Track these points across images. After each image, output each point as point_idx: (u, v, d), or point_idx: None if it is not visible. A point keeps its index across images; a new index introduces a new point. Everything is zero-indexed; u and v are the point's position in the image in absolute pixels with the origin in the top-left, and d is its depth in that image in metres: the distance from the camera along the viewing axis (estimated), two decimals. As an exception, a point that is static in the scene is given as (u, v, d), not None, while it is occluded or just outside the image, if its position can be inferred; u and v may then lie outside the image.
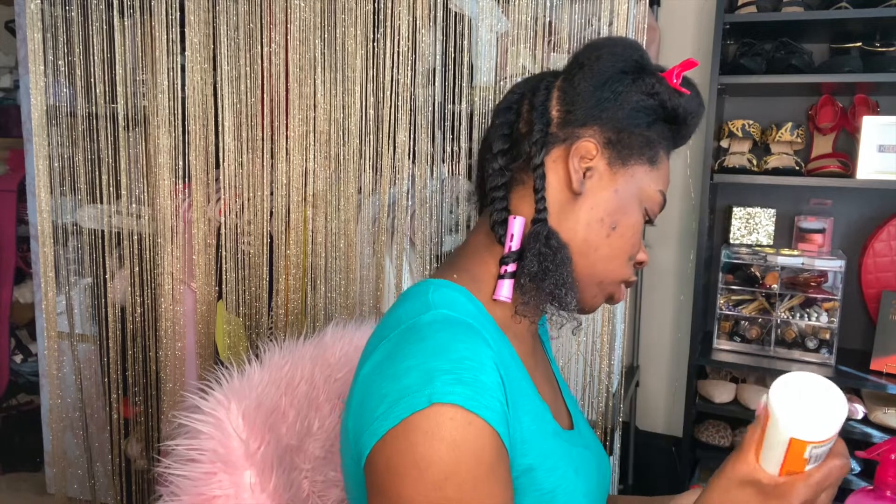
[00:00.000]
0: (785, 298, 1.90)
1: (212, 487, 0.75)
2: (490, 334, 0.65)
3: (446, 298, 0.66)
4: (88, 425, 2.24)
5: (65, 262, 2.16)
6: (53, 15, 2.00)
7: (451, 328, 0.60)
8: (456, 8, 1.72)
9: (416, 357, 0.57)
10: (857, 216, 1.99)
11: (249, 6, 1.85)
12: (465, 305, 0.67)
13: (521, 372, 0.69)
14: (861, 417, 1.78)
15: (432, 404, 0.54)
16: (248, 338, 1.97)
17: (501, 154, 0.73)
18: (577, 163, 0.70)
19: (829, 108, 1.94)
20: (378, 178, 1.82)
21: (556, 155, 0.71)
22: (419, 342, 0.59)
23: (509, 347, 0.69)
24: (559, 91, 0.72)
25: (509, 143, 0.73)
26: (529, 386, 0.69)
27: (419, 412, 0.54)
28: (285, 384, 0.89)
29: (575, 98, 0.70)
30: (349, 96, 1.80)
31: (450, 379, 0.55)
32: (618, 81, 0.70)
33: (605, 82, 0.70)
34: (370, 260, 1.86)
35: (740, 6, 1.85)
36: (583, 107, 0.70)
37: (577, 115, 0.70)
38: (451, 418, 0.54)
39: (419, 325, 0.61)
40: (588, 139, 0.70)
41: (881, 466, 0.76)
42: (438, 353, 0.57)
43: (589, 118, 0.70)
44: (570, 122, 0.71)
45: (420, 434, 0.54)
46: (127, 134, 2.03)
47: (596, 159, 0.70)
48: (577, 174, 0.70)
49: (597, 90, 0.70)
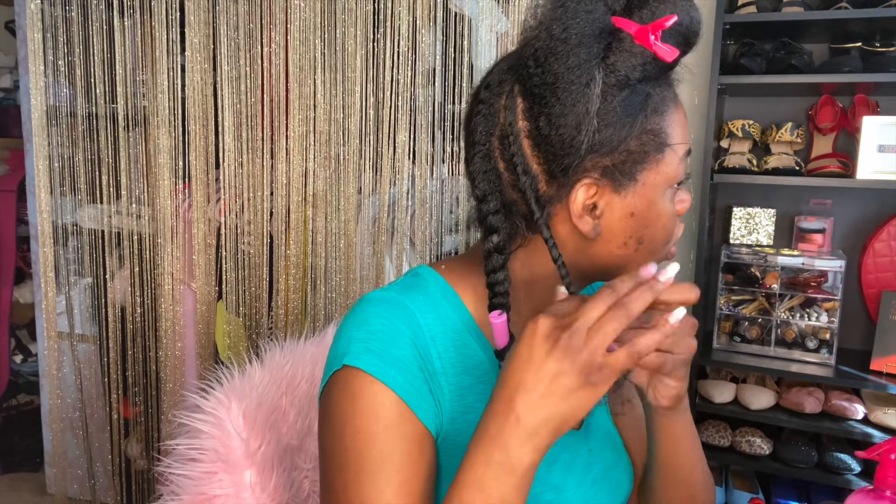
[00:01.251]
0: (785, 298, 1.90)
1: (212, 487, 0.75)
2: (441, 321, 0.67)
3: (413, 283, 0.70)
4: (88, 425, 2.24)
5: (65, 262, 2.16)
6: (53, 15, 2.00)
7: (381, 305, 0.66)
8: (456, 8, 1.72)
9: (347, 328, 0.66)
10: (857, 216, 1.99)
11: (249, 6, 1.85)
12: (430, 294, 0.69)
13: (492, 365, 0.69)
14: (861, 417, 1.78)
15: (343, 366, 0.63)
16: (248, 338, 1.97)
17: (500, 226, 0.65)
18: (581, 213, 0.63)
19: (829, 108, 1.94)
20: (378, 178, 1.82)
21: (557, 213, 0.64)
22: (352, 315, 0.67)
23: (478, 337, 0.69)
24: (528, 139, 0.62)
25: (500, 203, 0.65)
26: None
27: (336, 372, 0.64)
28: (286, 384, 0.90)
29: (548, 148, 0.61)
30: (349, 96, 1.80)
31: (361, 347, 0.63)
32: (587, 101, 0.58)
33: (573, 112, 0.59)
34: (370, 260, 1.86)
35: (740, 6, 1.85)
36: (562, 155, 0.60)
37: (560, 167, 0.61)
38: (355, 378, 0.62)
39: (363, 301, 0.68)
40: (582, 183, 0.62)
41: (881, 466, 0.76)
42: (360, 325, 0.65)
43: (573, 164, 0.61)
44: (556, 176, 0.62)
45: (334, 390, 0.64)
46: (127, 134, 2.03)
47: (598, 194, 0.63)
48: (587, 225, 0.63)
49: (568, 129, 0.59)
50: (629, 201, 0.63)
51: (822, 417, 1.81)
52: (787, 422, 1.79)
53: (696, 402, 1.92)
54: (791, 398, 1.82)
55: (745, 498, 1.86)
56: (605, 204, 0.63)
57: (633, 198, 0.63)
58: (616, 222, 0.64)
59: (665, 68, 0.61)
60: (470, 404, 0.67)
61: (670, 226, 0.66)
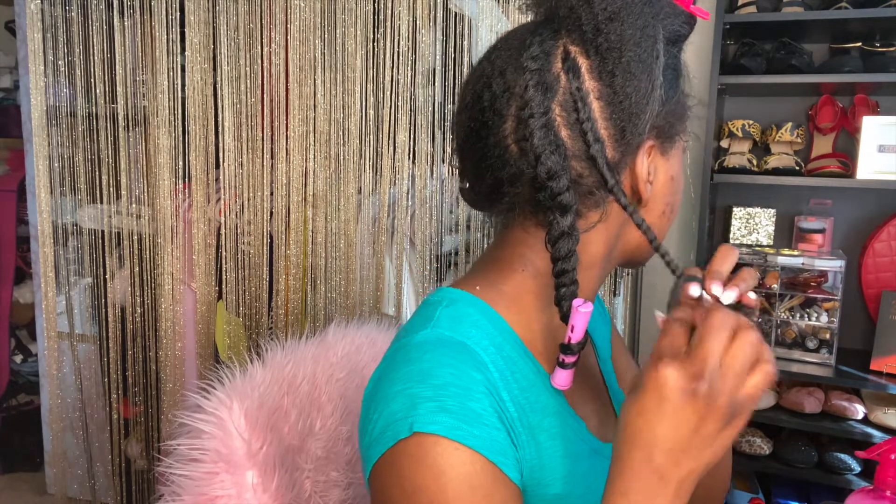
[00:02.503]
0: (785, 298, 1.91)
1: (214, 487, 0.75)
2: (500, 354, 0.60)
3: (454, 315, 0.61)
4: (88, 425, 2.24)
5: (65, 262, 2.16)
6: (53, 15, 2.00)
7: (440, 350, 0.57)
8: (456, 8, 1.72)
9: (402, 381, 0.56)
10: (857, 216, 1.99)
11: (249, 6, 1.84)
12: (477, 323, 0.61)
13: (548, 391, 0.63)
14: (861, 417, 1.78)
15: (413, 433, 0.53)
16: (248, 338, 1.97)
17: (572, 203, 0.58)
18: (647, 178, 0.61)
19: (829, 108, 1.94)
20: (378, 178, 1.82)
21: (622, 179, 0.61)
22: (406, 364, 0.57)
23: (533, 365, 0.63)
24: (598, 101, 0.58)
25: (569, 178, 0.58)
26: (559, 404, 0.64)
27: (403, 440, 0.53)
28: (287, 384, 0.89)
29: (625, 105, 0.58)
30: (349, 96, 1.80)
31: (432, 406, 0.53)
32: (658, 56, 0.58)
33: (650, 67, 0.58)
34: (370, 260, 1.86)
35: (740, 6, 1.85)
36: (638, 113, 0.58)
37: (634, 126, 0.58)
38: (434, 445, 0.52)
39: (410, 346, 0.59)
40: (647, 146, 0.61)
41: (881, 466, 0.76)
42: (423, 379, 0.55)
43: (647, 120, 0.59)
44: (626, 139, 0.59)
45: (405, 463, 0.53)
46: (127, 134, 2.03)
47: (652, 158, 0.62)
48: (647, 190, 0.61)
49: (646, 83, 0.58)
50: (671, 163, 0.63)
51: (822, 417, 1.81)
52: (787, 422, 1.79)
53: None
54: (791, 398, 1.82)
55: (745, 498, 1.86)
56: (655, 168, 0.62)
57: (674, 160, 0.63)
58: (661, 187, 0.63)
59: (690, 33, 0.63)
60: (542, 444, 0.60)
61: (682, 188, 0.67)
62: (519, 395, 0.59)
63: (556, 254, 0.58)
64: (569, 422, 0.63)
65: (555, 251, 0.58)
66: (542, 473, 0.59)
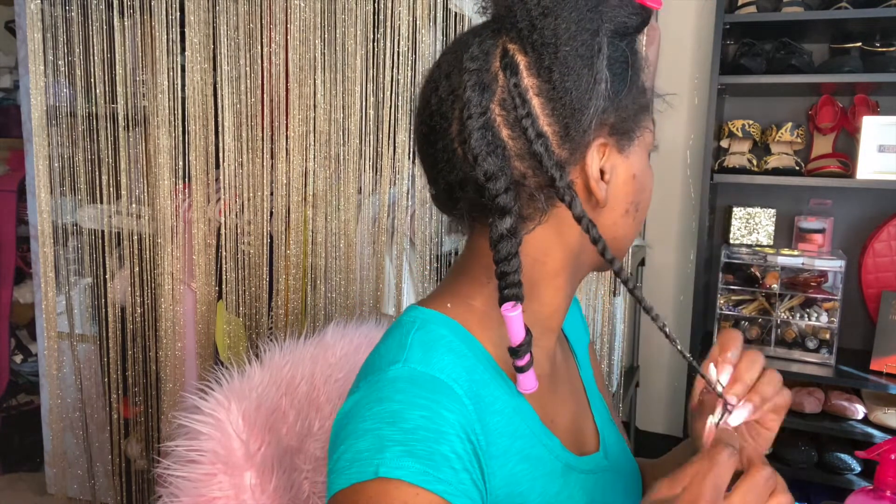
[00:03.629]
0: (785, 298, 1.90)
1: (212, 489, 0.75)
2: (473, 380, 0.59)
3: (427, 340, 0.60)
4: (88, 425, 2.24)
5: (65, 262, 2.16)
6: (53, 15, 2.00)
7: (413, 390, 0.55)
8: (456, 8, 1.72)
9: (373, 420, 0.54)
10: (857, 216, 1.99)
11: (249, 6, 1.84)
12: (450, 345, 0.60)
13: (520, 413, 0.62)
14: (861, 417, 1.78)
15: (378, 477, 0.51)
16: (248, 338, 1.97)
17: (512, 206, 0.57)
18: (598, 177, 0.59)
19: (829, 108, 1.94)
20: (378, 178, 1.82)
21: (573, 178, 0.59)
22: (378, 403, 0.55)
23: (505, 385, 0.62)
24: (538, 97, 0.56)
25: (509, 179, 0.57)
26: (531, 425, 0.63)
27: (367, 482, 0.52)
28: (286, 385, 0.89)
29: (566, 101, 0.56)
30: (349, 96, 1.80)
31: (400, 451, 0.51)
32: (599, 50, 0.56)
33: (590, 61, 0.56)
34: (370, 260, 1.86)
35: (740, 6, 1.85)
36: (580, 108, 0.56)
37: (577, 122, 0.57)
38: (397, 490, 0.51)
39: (383, 382, 0.57)
40: (597, 143, 0.58)
41: (881, 466, 0.76)
42: (394, 421, 0.53)
43: (593, 115, 0.57)
44: (571, 136, 0.57)
45: (365, 502, 0.52)
46: (127, 134, 2.03)
47: (606, 156, 0.59)
48: (603, 190, 0.59)
49: (586, 78, 0.56)
50: (631, 162, 0.61)
51: (822, 417, 1.81)
52: (787, 422, 1.78)
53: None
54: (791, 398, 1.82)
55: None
56: (612, 167, 0.60)
57: (633, 158, 0.61)
58: (622, 186, 0.61)
59: (643, 23, 0.60)
60: (513, 469, 0.60)
61: (651, 188, 0.65)
62: (490, 422, 0.58)
63: (496, 256, 0.57)
64: (541, 441, 0.63)
65: (495, 254, 0.56)
66: (511, 499, 0.58)
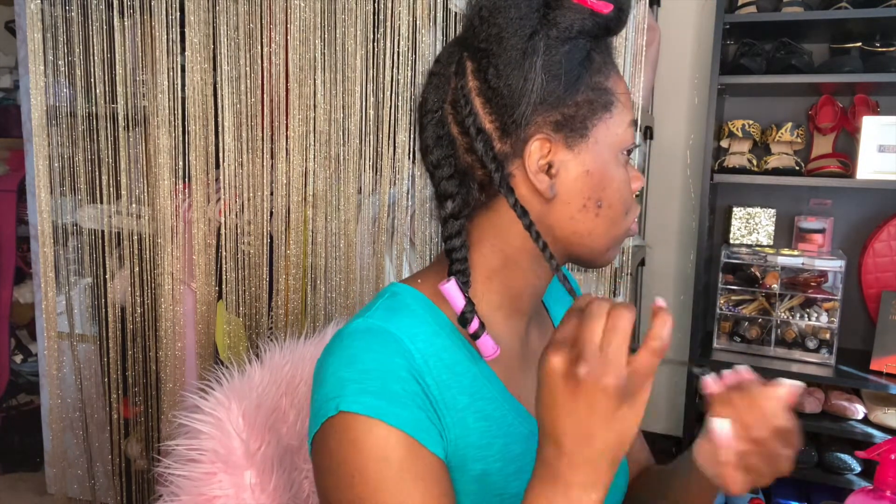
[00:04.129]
0: (785, 298, 1.90)
1: (212, 488, 0.75)
2: (430, 343, 0.65)
3: (392, 305, 0.67)
4: (88, 425, 2.24)
5: (65, 262, 2.16)
6: (53, 15, 2.00)
7: (367, 338, 0.63)
8: (456, 8, 1.72)
9: (333, 366, 0.62)
10: (857, 216, 1.99)
11: (249, 6, 1.84)
12: (414, 313, 0.66)
13: (484, 377, 0.67)
14: (861, 417, 1.78)
15: (339, 412, 0.59)
16: (248, 338, 1.97)
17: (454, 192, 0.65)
18: (537, 170, 0.63)
19: (829, 108, 1.94)
20: (378, 178, 1.82)
21: (514, 174, 0.64)
22: (339, 352, 0.63)
23: (468, 352, 0.67)
24: (479, 97, 0.63)
25: (453, 169, 0.65)
26: (496, 389, 0.68)
27: (330, 419, 0.59)
28: (286, 384, 0.89)
29: (499, 100, 0.62)
30: (349, 96, 1.80)
31: (356, 388, 0.59)
32: (532, 52, 0.60)
33: (520, 63, 0.60)
34: (370, 260, 1.86)
35: (740, 6, 1.85)
36: (512, 106, 0.61)
37: (512, 119, 0.62)
38: (355, 422, 0.58)
39: (344, 334, 0.65)
40: (535, 138, 0.62)
41: (881, 466, 0.77)
42: (350, 363, 0.61)
43: (525, 114, 0.61)
44: (509, 131, 0.62)
45: (331, 438, 0.59)
46: (127, 134, 2.03)
47: (552, 152, 0.63)
48: (543, 183, 0.63)
49: (516, 79, 0.61)
50: (583, 158, 0.63)
51: (822, 417, 1.81)
52: (787, 422, 1.79)
53: (696, 403, 1.92)
54: (791, 398, 1.82)
55: (744, 498, 1.86)
56: (560, 162, 0.63)
57: (586, 155, 0.63)
58: (572, 182, 0.64)
59: (602, 27, 0.63)
60: (470, 425, 0.65)
61: (626, 192, 0.67)
62: (449, 379, 0.64)
63: (442, 235, 0.66)
64: (505, 405, 0.68)
65: (442, 233, 0.66)
66: (467, 451, 0.64)
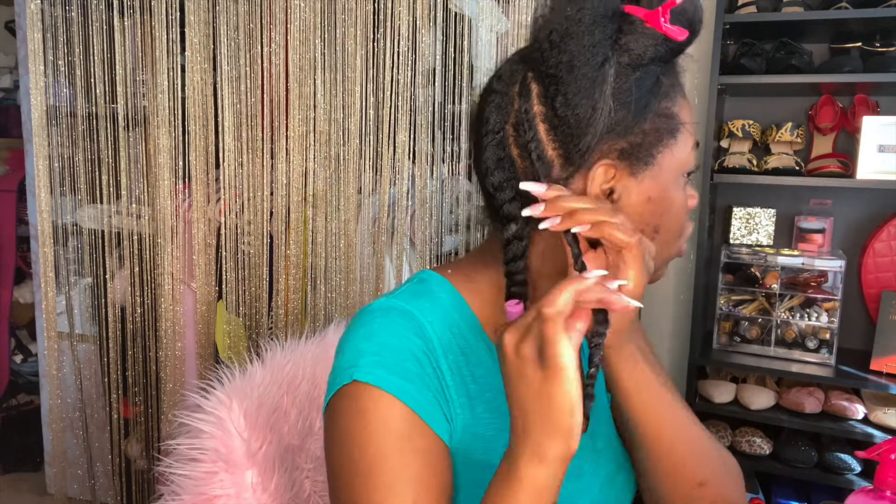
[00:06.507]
0: (785, 298, 1.90)
1: (213, 487, 0.75)
2: (450, 329, 0.67)
3: (417, 290, 0.69)
4: (88, 425, 2.24)
5: (65, 262, 2.16)
6: (53, 15, 2.00)
7: (389, 316, 0.65)
8: (456, 8, 1.72)
9: (353, 339, 0.65)
10: (857, 216, 1.99)
11: (249, 6, 1.85)
12: (437, 300, 0.68)
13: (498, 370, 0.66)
14: (861, 417, 1.78)
15: (353, 381, 0.61)
16: (248, 338, 1.97)
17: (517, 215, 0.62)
18: (599, 194, 0.62)
19: (829, 108, 1.94)
20: (378, 178, 1.82)
21: None
22: (360, 326, 0.65)
23: (486, 345, 0.69)
24: (543, 123, 0.61)
25: (515, 192, 0.63)
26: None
27: (345, 386, 0.62)
28: (287, 383, 0.89)
29: (566, 129, 0.61)
30: (349, 96, 1.80)
31: (371, 361, 0.62)
32: (603, 81, 0.59)
33: (590, 92, 0.59)
34: (370, 260, 1.86)
35: (740, 6, 1.85)
36: (579, 136, 0.60)
37: (577, 148, 0.61)
38: (367, 391, 0.61)
39: (368, 311, 0.67)
40: (600, 164, 0.61)
41: (881, 466, 0.76)
42: (369, 337, 0.64)
43: (591, 141, 0.60)
44: (573, 160, 0.61)
45: (343, 405, 0.62)
46: (127, 134, 2.03)
47: (616, 178, 0.62)
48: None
49: (585, 108, 0.59)
50: (646, 185, 0.63)
51: (822, 417, 1.81)
52: (787, 422, 1.79)
53: (696, 402, 1.92)
54: (791, 398, 1.82)
55: (745, 498, 1.85)
56: (623, 188, 0.63)
57: (649, 182, 0.63)
58: (634, 207, 0.63)
59: (674, 51, 0.62)
60: (479, 415, 0.66)
61: (683, 216, 0.67)
62: (463, 367, 0.66)
63: (505, 257, 0.65)
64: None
65: (505, 254, 0.65)
66: (474, 440, 0.65)
